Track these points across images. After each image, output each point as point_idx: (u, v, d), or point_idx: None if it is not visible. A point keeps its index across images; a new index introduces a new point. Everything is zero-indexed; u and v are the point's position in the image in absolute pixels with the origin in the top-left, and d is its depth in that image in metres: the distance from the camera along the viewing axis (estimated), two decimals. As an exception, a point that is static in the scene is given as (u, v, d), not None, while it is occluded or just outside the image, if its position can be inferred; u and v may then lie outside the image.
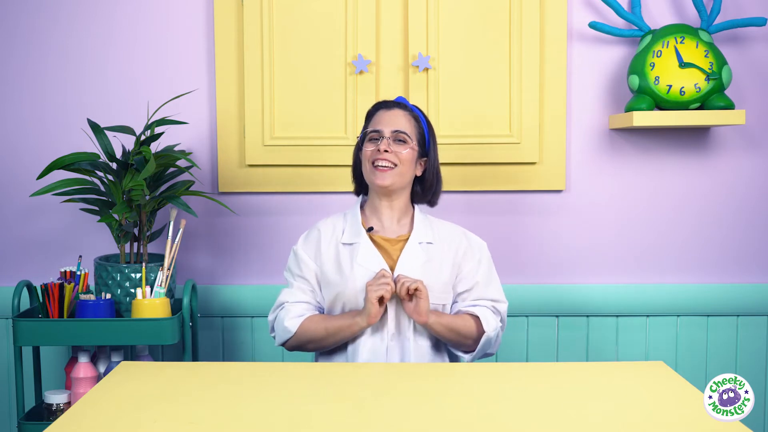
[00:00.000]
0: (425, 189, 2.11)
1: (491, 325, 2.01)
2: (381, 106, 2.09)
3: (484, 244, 2.13)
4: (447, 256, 2.06)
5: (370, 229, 2.06)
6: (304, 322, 2.02)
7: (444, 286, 2.03)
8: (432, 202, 2.14)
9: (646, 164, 2.58)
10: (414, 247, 2.03)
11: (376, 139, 2.03)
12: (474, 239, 2.12)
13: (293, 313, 2.04)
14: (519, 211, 2.59)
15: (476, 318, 2.02)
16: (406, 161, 2.02)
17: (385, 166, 2.01)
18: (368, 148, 2.04)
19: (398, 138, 2.02)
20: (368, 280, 1.97)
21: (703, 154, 2.59)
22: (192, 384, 1.68)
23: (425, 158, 2.09)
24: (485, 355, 2.07)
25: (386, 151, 2.00)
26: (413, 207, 2.12)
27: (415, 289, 1.91)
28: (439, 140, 2.52)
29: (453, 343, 2.03)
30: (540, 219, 2.59)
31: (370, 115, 2.10)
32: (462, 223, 2.56)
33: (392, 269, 2.01)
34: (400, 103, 2.09)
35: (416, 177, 2.10)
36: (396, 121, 2.04)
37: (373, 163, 2.02)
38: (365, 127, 2.10)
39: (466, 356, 2.04)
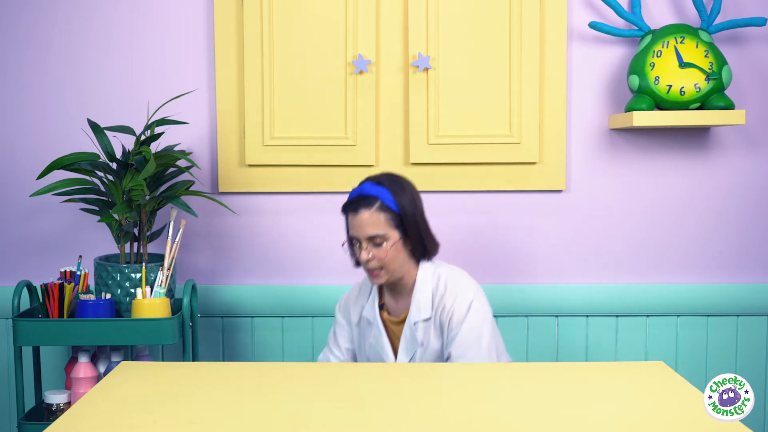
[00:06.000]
0: (416, 251, 2.10)
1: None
2: (348, 208, 2.07)
3: (470, 317, 2.04)
4: (442, 325, 2.08)
5: (381, 306, 2.16)
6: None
7: (441, 351, 2.09)
8: (428, 256, 2.12)
9: (646, 164, 2.58)
10: (409, 330, 2.08)
11: (356, 243, 2.07)
12: (458, 310, 2.04)
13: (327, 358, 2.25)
14: (519, 211, 2.59)
15: None
16: (390, 258, 2.05)
17: (374, 269, 2.05)
18: (354, 252, 2.10)
19: (374, 243, 2.04)
20: (376, 357, 2.13)
21: (703, 154, 2.59)
22: (192, 384, 1.68)
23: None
24: None
25: (369, 259, 2.04)
26: (417, 266, 2.12)
27: None
28: (439, 140, 2.53)
29: None
30: (540, 219, 2.59)
31: (345, 214, 2.10)
32: (462, 223, 2.57)
33: (396, 349, 2.12)
34: (364, 199, 2.05)
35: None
36: (365, 226, 2.03)
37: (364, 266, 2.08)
38: (346, 222, 2.11)
39: None
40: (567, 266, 2.60)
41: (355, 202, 2.07)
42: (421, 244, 2.09)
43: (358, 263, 2.14)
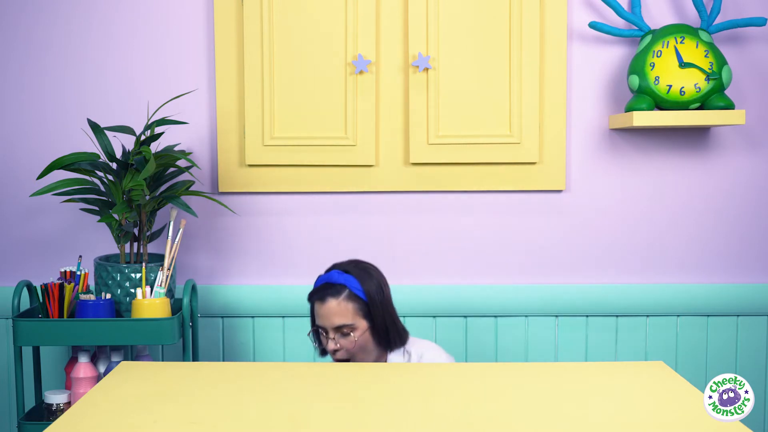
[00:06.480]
0: (382, 341, 2.06)
1: None
2: (315, 296, 2.05)
3: None
4: None
5: None
6: None
7: None
8: (391, 348, 2.08)
9: (646, 164, 2.58)
10: None
11: (322, 332, 2.04)
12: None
13: None
14: (519, 211, 2.59)
15: None
16: (358, 348, 2.02)
17: (341, 360, 2.03)
18: (322, 342, 2.06)
19: (342, 332, 2.02)
20: None
21: (703, 154, 2.59)
22: (192, 384, 1.67)
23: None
24: None
25: (337, 350, 2.02)
26: (387, 350, 2.09)
27: None
28: (439, 140, 2.53)
29: None
30: (540, 219, 2.59)
31: (311, 302, 2.07)
32: (462, 223, 2.58)
33: None
34: (332, 287, 2.03)
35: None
36: (332, 315, 2.01)
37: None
38: (312, 310, 2.08)
39: None
40: (566, 266, 2.60)
41: (321, 290, 2.03)
42: (386, 333, 2.05)
43: (324, 352, 2.09)
